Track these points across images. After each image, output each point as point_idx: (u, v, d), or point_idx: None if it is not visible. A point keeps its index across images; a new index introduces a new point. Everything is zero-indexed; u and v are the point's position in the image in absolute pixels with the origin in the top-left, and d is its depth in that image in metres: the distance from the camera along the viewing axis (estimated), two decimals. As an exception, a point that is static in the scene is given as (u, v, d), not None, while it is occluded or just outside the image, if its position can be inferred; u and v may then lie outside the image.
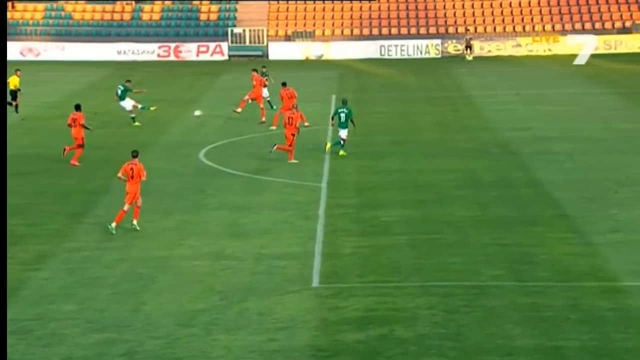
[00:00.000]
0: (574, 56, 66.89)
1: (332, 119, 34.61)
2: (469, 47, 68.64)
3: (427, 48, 69.62)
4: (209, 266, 21.54)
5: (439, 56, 69.20)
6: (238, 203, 27.26)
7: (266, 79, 42.91)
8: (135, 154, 24.50)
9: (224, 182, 30.03)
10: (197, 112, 40.69)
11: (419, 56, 69.08)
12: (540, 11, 72.75)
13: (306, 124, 39.02)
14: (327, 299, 19.30)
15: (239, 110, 41.46)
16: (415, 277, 20.51)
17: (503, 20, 72.68)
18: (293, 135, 32.11)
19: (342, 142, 33.29)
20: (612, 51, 68.78)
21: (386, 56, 69.31)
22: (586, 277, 20.19)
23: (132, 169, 24.20)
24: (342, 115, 33.21)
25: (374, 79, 56.82)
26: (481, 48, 69.72)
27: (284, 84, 39.38)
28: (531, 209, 26.07)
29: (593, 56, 66.69)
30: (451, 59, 67.95)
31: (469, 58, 67.97)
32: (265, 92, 42.10)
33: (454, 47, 69.87)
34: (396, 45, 69.70)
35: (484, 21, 72.91)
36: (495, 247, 22.59)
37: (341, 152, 33.29)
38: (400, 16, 73.40)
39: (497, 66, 63.32)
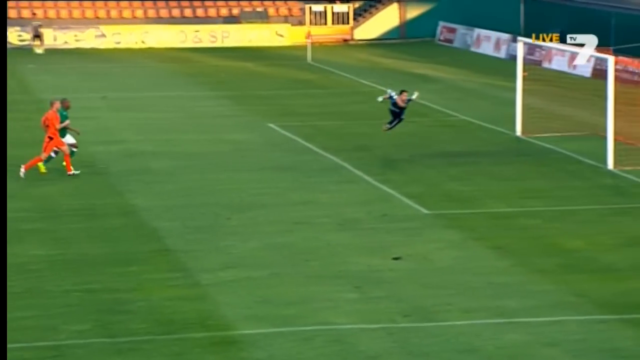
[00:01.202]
0: (171, 49, 68.47)
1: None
2: (38, 36, 68.22)
3: (-16, 37, 68.38)
4: None
5: None
6: None
7: None
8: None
9: None
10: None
11: (-26, 48, 67.65)
12: (130, -7, 73.94)
13: None
14: None
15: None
16: (-27, 340, 19.92)
17: (81, 4, 72.88)
18: (50, 138, 32.82)
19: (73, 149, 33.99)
20: (218, 44, 71.25)
21: None
22: (193, 327, 20.61)
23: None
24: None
25: None
26: (55, 38, 69.52)
27: None
28: (124, 244, 26.30)
29: (194, 50, 68.70)
30: (15, 51, 67.05)
31: (39, 51, 67.62)
32: None
33: (18, 37, 69.15)
34: (-58, 34, 67.70)
35: (56, 4, 72.68)
36: (78, 294, 22.53)
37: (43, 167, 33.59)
38: (-53, -5, 71.36)
39: (77, 61, 63.52)
